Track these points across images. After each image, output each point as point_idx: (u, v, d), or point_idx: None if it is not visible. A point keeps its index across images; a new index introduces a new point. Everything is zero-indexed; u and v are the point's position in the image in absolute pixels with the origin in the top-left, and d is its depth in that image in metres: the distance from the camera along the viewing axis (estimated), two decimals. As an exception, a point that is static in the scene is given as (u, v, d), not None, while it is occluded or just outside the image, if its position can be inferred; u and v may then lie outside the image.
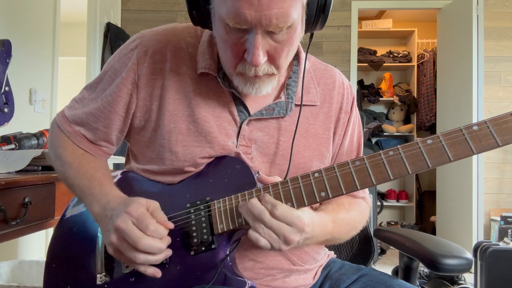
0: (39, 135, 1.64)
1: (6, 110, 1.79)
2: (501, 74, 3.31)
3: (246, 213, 0.67)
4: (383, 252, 3.54)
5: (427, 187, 4.47)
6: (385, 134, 4.46)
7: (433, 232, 3.78)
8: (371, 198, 0.92)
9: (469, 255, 0.86)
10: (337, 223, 0.76)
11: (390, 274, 0.96)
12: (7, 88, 1.81)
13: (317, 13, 0.70)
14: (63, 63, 2.92)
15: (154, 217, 0.68)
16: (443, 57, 3.67)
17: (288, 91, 0.81)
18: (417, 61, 4.44)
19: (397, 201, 4.40)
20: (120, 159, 2.10)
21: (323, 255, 0.92)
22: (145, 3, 3.58)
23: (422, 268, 2.35)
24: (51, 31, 2.46)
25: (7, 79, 1.81)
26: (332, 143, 0.86)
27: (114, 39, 3.13)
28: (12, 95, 1.84)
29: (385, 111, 4.66)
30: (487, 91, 3.26)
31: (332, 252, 0.97)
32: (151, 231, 0.66)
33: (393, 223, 4.37)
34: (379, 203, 3.81)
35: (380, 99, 4.42)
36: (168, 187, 0.79)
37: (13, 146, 1.53)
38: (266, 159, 0.79)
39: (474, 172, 3.15)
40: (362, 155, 0.91)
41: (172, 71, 0.79)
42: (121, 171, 0.85)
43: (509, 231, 2.86)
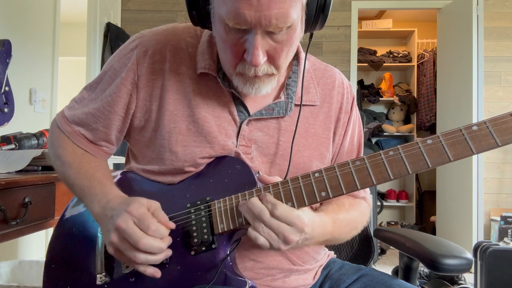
0: (39, 135, 1.64)
1: (6, 110, 1.79)
2: (501, 74, 3.31)
3: (246, 212, 0.67)
4: (383, 252, 3.54)
5: (427, 187, 4.47)
6: (385, 134, 4.46)
7: (433, 232, 3.78)
8: (371, 198, 0.92)
9: (469, 255, 0.86)
10: (337, 223, 0.76)
11: (390, 274, 0.96)
12: (7, 88, 1.81)
13: (316, 13, 0.70)
14: (63, 63, 2.92)
15: (155, 217, 0.68)
16: (443, 57, 3.67)
17: (287, 91, 0.81)
18: (417, 61, 4.44)
19: (397, 201, 4.40)
20: (120, 159, 2.10)
21: (323, 255, 0.92)
22: (145, 3, 3.58)
23: (422, 268, 2.35)
24: (51, 31, 2.46)
25: (7, 79, 1.81)
26: (332, 143, 0.86)
27: (114, 39, 3.13)
28: (12, 95, 1.84)
29: (385, 111, 4.66)
30: (487, 91, 3.26)
31: (332, 252, 0.97)
32: (152, 231, 0.66)
33: (393, 223, 4.37)
34: (379, 203, 3.81)
35: (380, 99, 4.42)
36: (168, 187, 0.79)
37: (13, 146, 1.53)
38: (266, 159, 0.79)
39: (474, 172, 3.15)
40: (362, 155, 0.91)
41: (172, 71, 0.79)
42: (121, 171, 0.85)
43: (509, 231, 2.86)
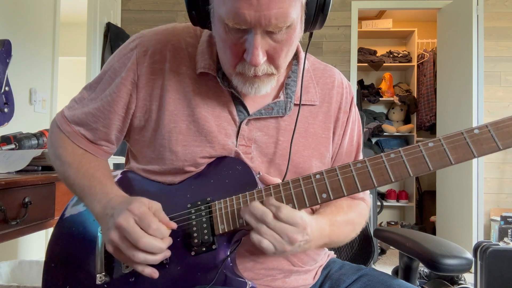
0: (39, 135, 1.64)
1: (6, 110, 1.79)
2: (501, 74, 3.31)
3: (248, 215, 0.67)
4: (383, 252, 3.54)
5: (427, 187, 4.47)
6: (385, 134, 4.46)
7: (433, 232, 3.78)
8: (371, 198, 0.92)
9: (469, 255, 0.86)
10: (334, 225, 0.76)
11: (390, 274, 0.96)
12: (7, 88, 1.81)
13: (316, 12, 0.70)
14: (63, 63, 2.91)
15: (156, 217, 0.68)
16: (443, 57, 3.67)
17: (287, 90, 0.81)
18: (417, 61, 4.44)
19: (397, 201, 4.40)
20: (120, 159, 2.10)
21: (323, 256, 0.92)
22: (145, 3, 3.58)
23: (422, 268, 2.35)
24: (51, 31, 2.46)
25: (7, 79, 1.81)
26: (332, 143, 0.86)
27: (114, 39, 3.13)
28: (12, 95, 1.84)
29: (385, 111, 4.66)
30: (487, 91, 3.26)
31: (332, 252, 0.97)
32: (153, 230, 0.65)
33: (393, 223, 4.37)
34: (379, 203, 3.81)
35: (380, 99, 4.42)
36: (169, 187, 0.79)
37: (13, 146, 1.53)
38: (265, 159, 0.79)
39: (474, 172, 3.15)
40: (361, 155, 0.91)
41: (171, 71, 0.79)
42: (121, 171, 0.85)
43: (509, 231, 2.86)
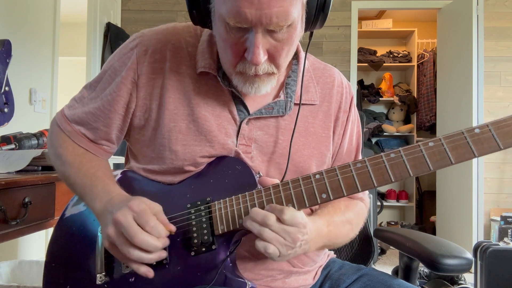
0: (39, 135, 1.64)
1: (6, 110, 1.79)
2: (501, 74, 3.31)
3: (250, 223, 0.66)
4: (383, 252, 3.54)
5: (427, 187, 4.47)
6: (385, 134, 4.46)
7: (433, 232, 3.78)
8: (371, 198, 0.92)
9: (469, 255, 0.86)
10: (332, 226, 0.76)
11: (390, 274, 0.96)
12: (7, 88, 1.81)
13: (317, 11, 0.70)
14: (63, 63, 2.91)
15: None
16: (443, 57, 3.67)
17: (287, 90, 0.81)
18: (417, 61, 4.44)
19: (397, 201, 4.40)
20: (120, 159, 2.10)
21: (322, 256, 0.92)
22: (145, 3, 3.58)
23: (422, 268, 2.34)
24: (51, 31, 2.46)
25: (7, 79, 1.81)
26: (332, 142, 0.86)
27: (114, 39, 3.13)
28: (12, 95, 1.84)
29: (385, 111, 4.66)
30: (487, 91, 3.26)
31: (332, 252, 0.97)
32: (150, 227, 0.65)
33: (393, 223, 4.37)
34: (379, 203, 3.81)
35: (380, 99, 4.41)
36: (168, 187, 0.79)
37: (13, 146, 1.53)
38: (265, 158, 0.79)
39: (474, 172, 3.15)
40: (361, 155, 0.91)
41: (172, 70, 0.79)
42: (121, 171, 0.85)
43: (509, 231, 2.86)
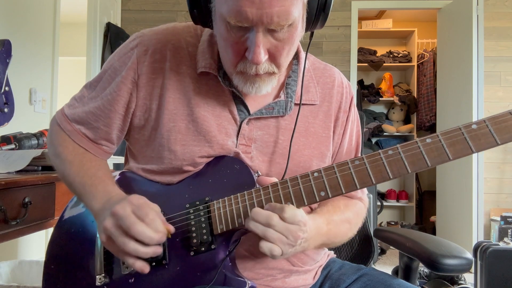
0: (39, 135, 1.64)
1: (6, 110, 1.79)
2: (501, 74, 3.31)
3: (253, 224, 0.66)
4: (383, 252, 3.54)
5: (427, 187, 4.47)
6: (385, 134, 4.46)
7: (433, 232, 3.78)
8: (370, 198, 0.92)
9: (469, 255, 0.86)
10: (331, 224, 0.76)
11: (390, 274, 0.96)
12: (7, 88, 1.81)
13: (317, 11, 0.70)
14: (63, 63, 2.91)
15: None
16: (443, 57, 3.67)
17: (287, 90, 0.81)
18: (417, 61, 4.44)
19: (397, 201, 4.40)
20: (120, 159, 2.10)
21: (322, 255, 0.92)
22: (145, 3, 3.58)
23: (422, 268, 2.34)
24: (51, 31, 2.46)
25: (7, 79, 1.81)
26: (332, 142, 0.86)
27: (114, 39, 3.13)
28: (12, 95, 1.84)
29: (385, 111, 4.66)
30: (487, 91, 3.26)
31: (332, 252, 0.97)
32: (149, 219, 0.65)
33: (393, 223, 4.37)
34: (379, 203, 3.81)
35: (380, 99, 4.41)
36: (167, 187, 0.79)
37: (13, 146, 1.53)
38: (265, 158, 0.79)
39: (474, 172, 3.15)
40: (361, 155, 0.91)
41: (172, 70, 0.79)
42: (120, 172, 0.85)
43: (509, 231, 2.86)
